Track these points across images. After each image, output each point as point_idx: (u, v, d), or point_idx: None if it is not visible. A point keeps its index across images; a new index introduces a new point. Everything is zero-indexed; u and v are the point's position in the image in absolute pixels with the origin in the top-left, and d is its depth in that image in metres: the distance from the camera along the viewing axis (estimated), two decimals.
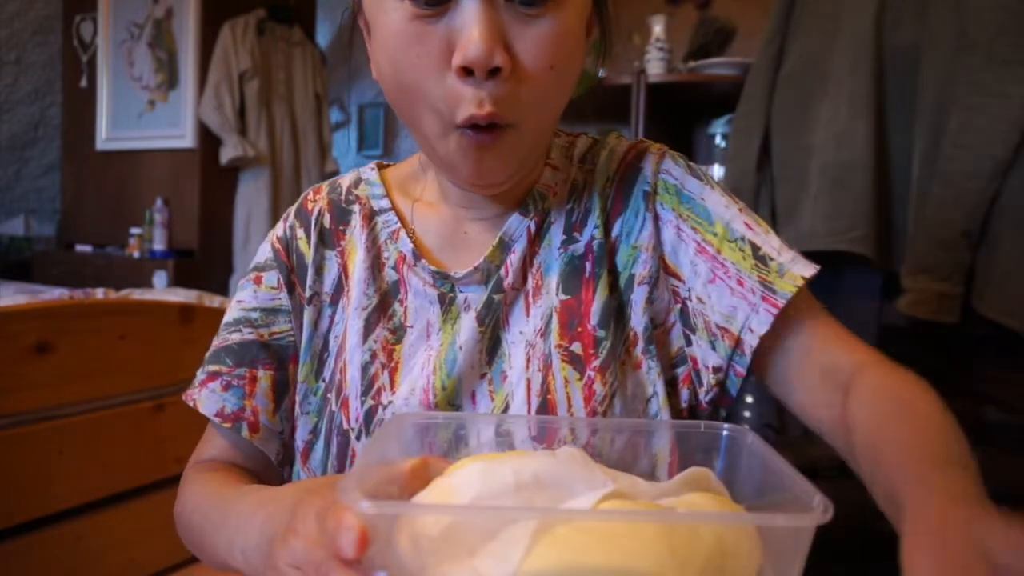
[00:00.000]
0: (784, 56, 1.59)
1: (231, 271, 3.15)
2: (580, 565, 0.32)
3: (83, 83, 3.29)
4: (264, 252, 0.67)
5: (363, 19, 0.58)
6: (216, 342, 0.66)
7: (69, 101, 3.38)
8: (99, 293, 1.99)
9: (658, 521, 0.34)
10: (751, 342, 0.58)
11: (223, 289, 3.04)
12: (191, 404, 0.64)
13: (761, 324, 0.57)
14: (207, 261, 3.07)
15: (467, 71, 0.50)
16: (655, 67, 2.15)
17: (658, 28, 2.19)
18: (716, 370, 0.60)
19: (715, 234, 0.61)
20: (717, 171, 2.11)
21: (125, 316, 1.74)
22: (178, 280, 2.88)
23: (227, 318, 0.66)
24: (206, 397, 0.63)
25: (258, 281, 0.66)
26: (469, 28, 0.49)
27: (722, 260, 0.60)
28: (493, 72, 0.50)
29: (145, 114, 3.13)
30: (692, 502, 0.38)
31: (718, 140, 2.15)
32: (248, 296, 0.66)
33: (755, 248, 0.60)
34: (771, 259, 0.59)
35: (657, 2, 2.60)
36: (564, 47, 0.52)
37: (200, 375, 0.65)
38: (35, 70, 3.37)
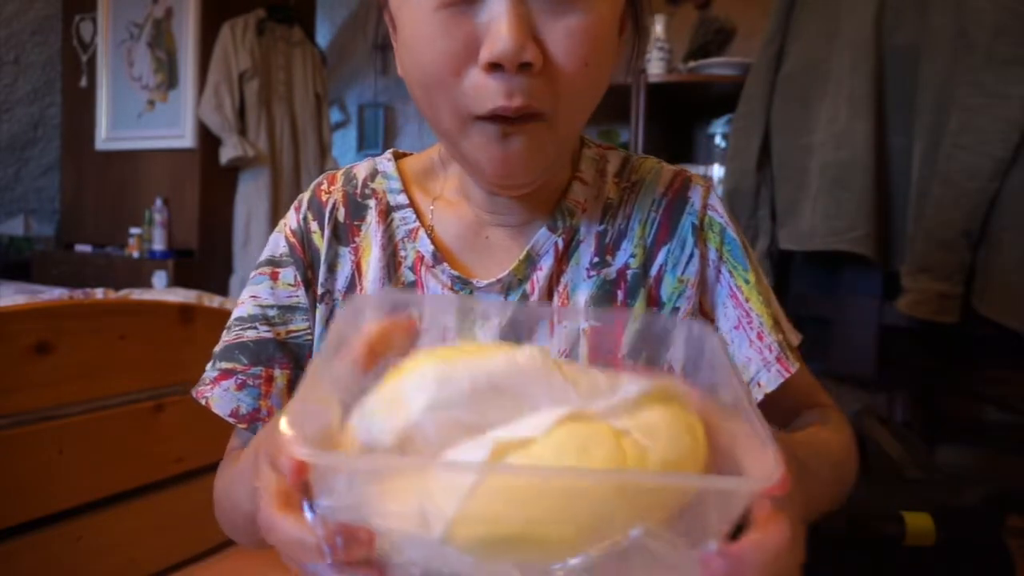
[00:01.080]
0: (784, 56, 1.59)
1: (231, 271, 3.15)
2: (523, 503, 0.32)
3: (83, 83, 3.29)
4: (278, 245, 0.64)
5: (388, 15, 0.56)
6: (228, 337, 0.63)
7: (69, 101, 3.38)
8: (99, 293, 1.98)
9: (579, 480, 0.33)
10: (756, 395, 0.60)
11: (223, 289, 3.04)
12: (203, 402, 0.61)
13: (770, 382, 0.60)
14: (207, 261, 3.07)
15: (495, 66, 0.48)
16: (655, 67, 2.15)
17: (658, 28, 2.19)
18: None
19: (747, 281, 0.62)
20: (717, 171, 2.11)
21: (125, 316, 1.74)
22: (178, 280, 2.88)
23: (240, 312, 0.63)
24: (219, 396, 0.61)
25: (275, 277, 0.63)
26: (498, 22, 0.47)
27: (748, 309, 0.61)
28: (523, 67, 0.48)
29: (145, 114, 3.13)
30: (650, 424, 0.36)
31: (718, 140, 2.16)
32: (264, 292, 0.63)
33: (773, 310, 0.63)
34: (782, 323, 0.63)
35: (657, 2, 2.60)
36: (598, 41, 0.50)
37: (211, 371, 0.62)
38: (35, 70, 3.37)
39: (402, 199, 0.64)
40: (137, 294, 2.08)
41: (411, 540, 0.33)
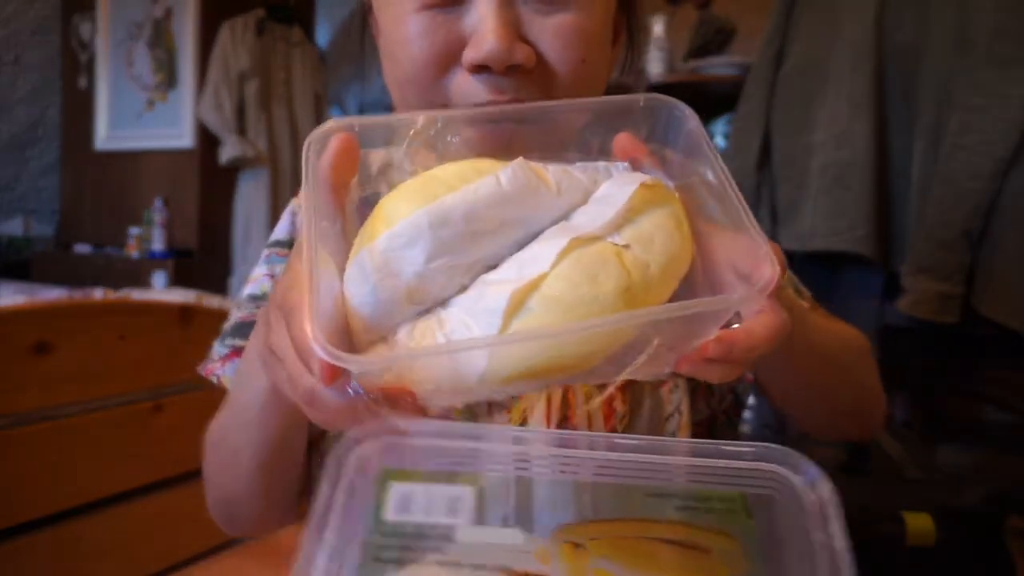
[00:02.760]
0: (784, 56, 1.59)
1: (231, 271, 3.15)
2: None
3: (82, 83, 3.29)
4: (294, 226, 0.63)
5: (373, 19, 0.56)
6: (240, 314, 0.61)
7: (68, 101, 3.38)
8: (98, 293, 1.98)
9: (596, 328, 0.34)
10: None
11: (222, 289, 3.04)
12: (214, 379, 0.60)
13: None
14: (206, 261, 3.07)
15: (482, 68, 0.46)
16: (655, 67, 2.15)
17: (658, 28, 2.19)
18: None
19: None
20: None
21: (124, 316, 1.74)
22: (177, 280, 2.88)
23: (254, 290, 0.62)
24: (232, 373, 0.59)
25: None
26: (483, 23, 0.46)
27: None
28: (512, 69, 0.47)
29: (144, 114, 3.13)
30: (645, 233, 0.37)
31: (718, 140, 2.15)
32: (281, 273, 0.61)
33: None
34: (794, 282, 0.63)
35: (657, 2, 2.60)
36: (593, 38, 0.49)
37: (220, 348, 0.61)
38: (34, 70, 3.37)
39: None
40: (137, 294, 2.08)
41: (449, 388, 0.34)
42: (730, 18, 2.29)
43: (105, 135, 3.23)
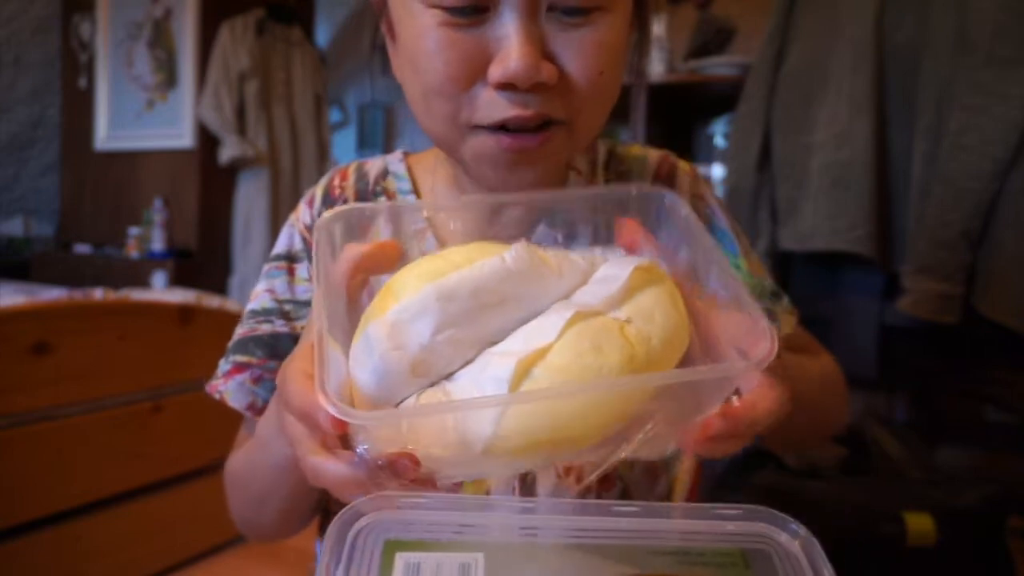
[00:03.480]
0: (784, 56, 1.59)
1: (230, 271, 3.15)
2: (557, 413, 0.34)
3: (82, 83, 3.29)
4: (293, 239, 0.64)
5: (387, 23, 0.55)
6: (241, 330, 0.62)
7: (68, 101, 3.38)
8: (98, 293, 1.98)
9: (603, 390, 0.35)
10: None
11: (222, 289, 3.04)
12: (216, 397, 0.60)
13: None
14: (206, 261, 3.07)
15: (506, 85, 0.47)
16: (655, 67, 2.15)
17: (658, 28, 2.19)
18: None
19: (737, 267, 0.61)
20: (717, 171, 2.11)
21: (124, 316, 1.74)
22: (177, 280, 2.88)
23: (254, 306, 0.63)
24: (234, 389, 0.60)
25: (291, 272, 0.63)
26: (508, 42, 0.46)
27: None
28: (536, 85, 0.47)
29: (144, 114, 3.13)
30: (644, 308, 0.38)
31: (718, 140, 2.16)
32: (281, 286, 0.62)
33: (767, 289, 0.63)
34: (780, 298, 0.64)
35: (657, 2, 2.60)
36: (613, 51, 0.50)
37: (224, 365, 0.61)
38: (34, 70, 3.37)
39: (411, 200, 0.63)
40: (136, 294, 2.08)
41: (453, 459, 0.35)
42: (730, 18, 2.29)
43: (105, 135, 3.23)
